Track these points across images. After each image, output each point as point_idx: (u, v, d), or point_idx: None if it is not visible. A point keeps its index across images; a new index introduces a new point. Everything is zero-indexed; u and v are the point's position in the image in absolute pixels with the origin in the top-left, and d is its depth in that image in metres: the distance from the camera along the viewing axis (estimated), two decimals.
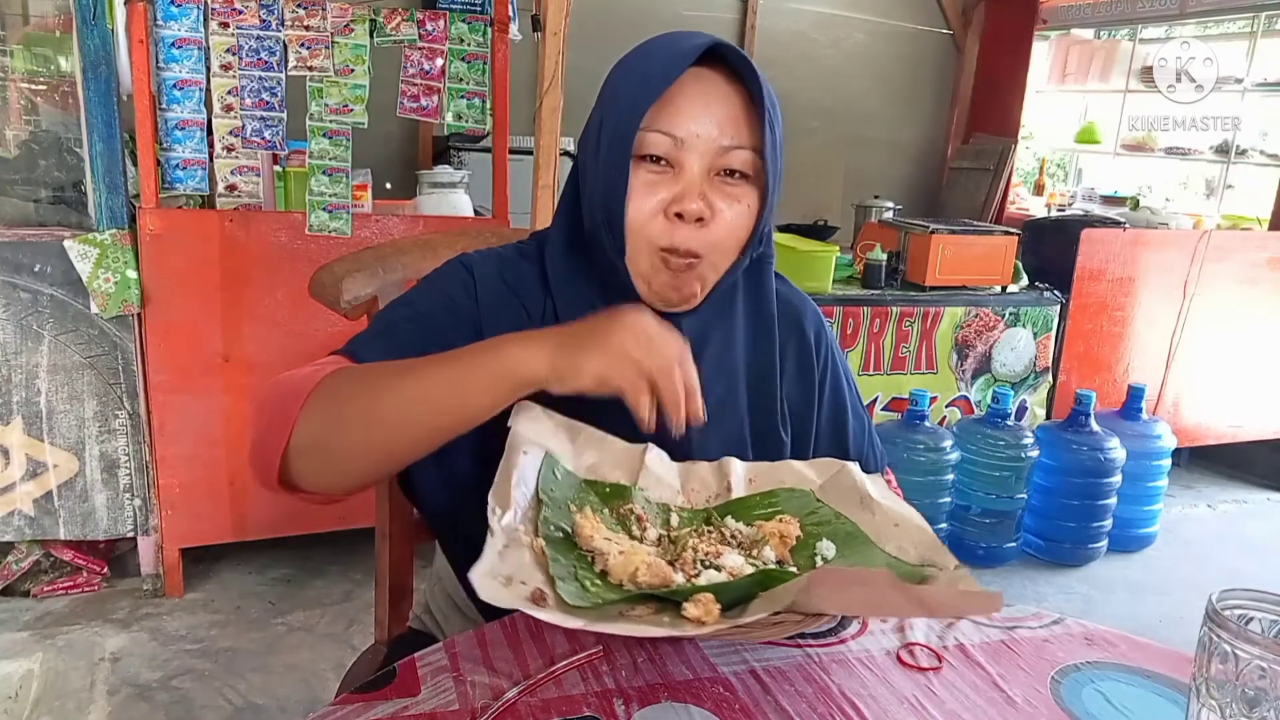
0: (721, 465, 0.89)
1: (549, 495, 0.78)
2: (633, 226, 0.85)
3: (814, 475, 0.90)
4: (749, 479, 0.89)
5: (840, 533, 0.84)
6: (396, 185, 3.74)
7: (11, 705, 1.98)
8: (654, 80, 0.82)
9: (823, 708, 0.74)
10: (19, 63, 2.27)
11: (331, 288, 1.10)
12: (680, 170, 0.84)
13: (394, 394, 0.72)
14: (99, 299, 2.23)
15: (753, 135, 0.84)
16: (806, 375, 1.02)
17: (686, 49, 0.83)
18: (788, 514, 0.85)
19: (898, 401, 2.99)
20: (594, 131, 0.87)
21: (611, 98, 0.86)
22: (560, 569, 0.70)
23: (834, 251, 2.92)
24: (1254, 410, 3.71)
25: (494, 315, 0.89)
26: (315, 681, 2.13)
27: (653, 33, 0.90)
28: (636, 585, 0.71)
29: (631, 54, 0.89)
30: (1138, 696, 0.79)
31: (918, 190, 5.38)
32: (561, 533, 0.76)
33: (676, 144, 0.83)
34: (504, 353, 0.71)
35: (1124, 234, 3.33)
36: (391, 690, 0.72)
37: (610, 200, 0.84)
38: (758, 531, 0.83)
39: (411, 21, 2.37)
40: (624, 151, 0.83)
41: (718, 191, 0.85)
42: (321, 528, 2.59)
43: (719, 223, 0.85)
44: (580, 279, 0.91)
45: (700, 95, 0.83)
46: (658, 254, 0.85)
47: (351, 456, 0.75)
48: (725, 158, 0.84)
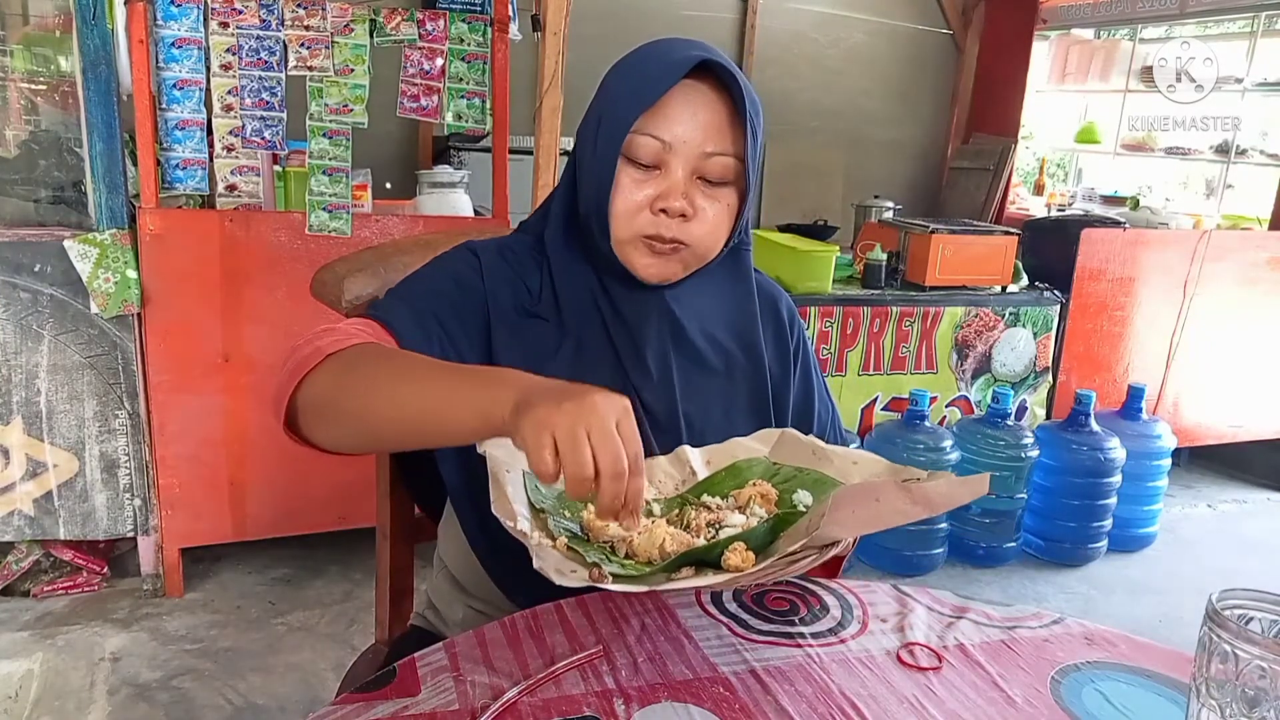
0: (678, 454, 0.94)
1: (542, 506, 0.81)
2: (620, 218, 0.93)
3: (760, 445, 0.95)
4: (706, 460, 0.94)
5: (809, 481, 0.89)
6: (396, 185, 3.75)
7: (11, 705, 1.98)
8: (647, 88, 0.89)
9: (823, 708, 0.74)
10: (19, 63, 2.27)
11: (333, 287, 1.10)
12: (666, 171, 0.92)
13: (390, 391, 0.77)
14: (99, 299, 2.23)
15: (735, 142, 0.92)
16: (782, 347, 1.08)
17: (678, 60, 0.89)
18: (756, 479, 0.89)
19: (898, 401, 2.99)
20: (591, 127, 0.94)
21: (608, 98, 0.93)
22: (595, 556, 0.73)
23: (834, 251, 2.92)
24: (1254, 410, 3.71)
25: (498, 291, 0.96)
26: (315, 681, 2.13)
27: (653, 33, 0.97)
28: (664, 555, 0.75)
29: (629, 56, 0.95)
30: (1138, 696, 0.79)
31: (918, 190, 5.38)
32: (570, 534, 0.78)
33: (664, 147, 0.91)
34: (487, 392, 0.71)
35: (1124, 234, 3.33)
36: (391, 690, 0.72)
37: (600, 193, 0.92)
38: (736, 501, 0.87)
39: (411, 21, 2.37)
40: (615, 150, 0.91)
41: (699, 192, 0.93)
42: (321, 528, 2.59)
43: (700, 219, 0.93)
44: (576, 255, 0.99)
45: (688, 104, 0.90)
46: (642, 240, 0.93)
47: (343, 426, 0.81)
48: (708, 162, 0.91)
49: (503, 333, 0.95)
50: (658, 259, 0.94)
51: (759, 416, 1.04)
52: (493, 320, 0.95)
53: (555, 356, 0.95)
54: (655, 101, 0.88)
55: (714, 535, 0.78)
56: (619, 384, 0.94)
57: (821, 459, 0.91)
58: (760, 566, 0.70)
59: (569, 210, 0.99)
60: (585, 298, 0.97)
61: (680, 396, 0.99)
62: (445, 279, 0.96)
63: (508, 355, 0.94)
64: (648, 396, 0.97)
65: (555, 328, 0.97)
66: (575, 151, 0.98)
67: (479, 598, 1.05)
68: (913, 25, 5.15)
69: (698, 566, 0.75)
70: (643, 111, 0.89)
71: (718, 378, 1.02)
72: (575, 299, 0.97)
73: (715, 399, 1.01)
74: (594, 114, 0.95)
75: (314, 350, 0.81)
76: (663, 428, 0.97)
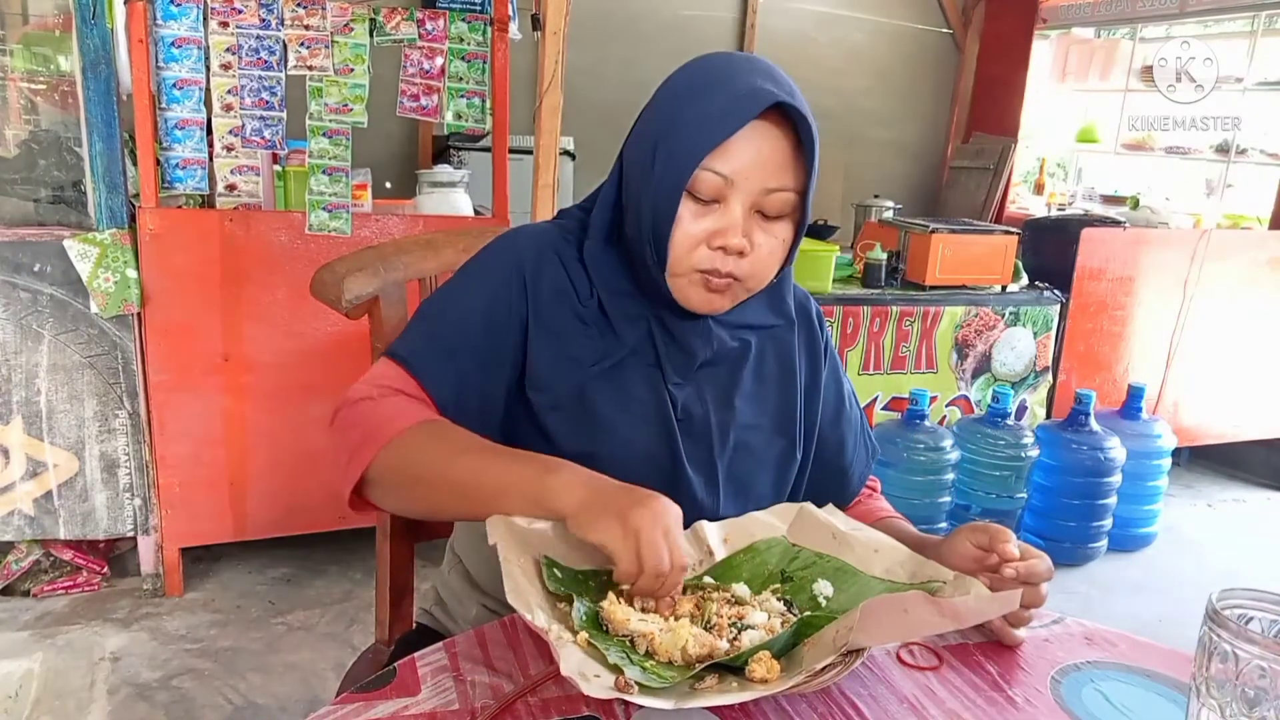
0: (695, 531, 0.91)
1: (560, 593, 0.79)
2: (677, 252, 0.90)
3: (778, 521, 0.93)
4: (724, 539, 0.92)
5: (829, 569, 0.88)
6: (396, 185, 3.75)
7: (11, 705, 1.98)
8: (714, 125, 0.86)
9: (823, 708, 0.74)
10: (19, 62, 2.27)
11: (333, 287, 1.10)
12: (725, 206, 0.89)
13: (449, 474, 0.83)
14: (99, 298, 2.23)
15: (796, 177, 0.90)
16: (814, 349, 1.08)
17: (746, 93, 0.86)
18: (765, 591, 0.87)
19: (898, 401, 2.99)
20: (646, 152, 0.90)
21: (669, 126, 0.89)
22: (615, 657, 0.71)
23: (834, 251, 2.92)
24: (1253, 410, 3.71)
25: (541, 301, 0.95)
26: (315, 681, 2.13)
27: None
28: (686, 658, 0.74)
29: (689, 80, 0.91)
30: (1138, 696, 0.79)
31: (918, 190, 5.38)
32: (590, 618, 0.77)
33: (726, 183, 0.88)
34: (547, 480, 0.79)
35: (1124, 233, 3.33)
36: (392, 690, 0.72)
37: (659, 224, 0.89)
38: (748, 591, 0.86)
39: (411, 21, 2.36)
40: (678, 185, 0.88)
41: (758, 227, 0.90)
42: (321, 527, 2.59)
43: (757, 255, 0.91)
44: (619, 274, 0.96)
45: (753, 140, 0.87)
46: (697, 274, 0.91)
47: (411, 501, 0.89)
48: (768, 198, 0.89)
49: (541, 339, 0.94)
50: (713, 295, 0.92)
51: (786, 434, 1.04)
52: (531, 329, 0.94)
53: (593, 366, 0.94)
54: (725, 141, 0.86)
55: (735, 635, 0.77)
56: (657, 393, 0.95)
57: (841, 544, 0.89)
58: (790, 685, 0.69)
59: (610, 225, 0.97)
60: (635, 318, 0.96)
61: (714, 407, 0.98)
62: (479, 299, 0.94)
63: (545, 360, 0.93)
64: (684, 404, 0.97)
65: (598, 338, 0.95)
66: (623, 170, 0.95)
67: (495, 596, 1.04)
68: (913, 25, 5.15)
69: (720, 673, 0.74)
70: (711, 150, 0.86)
71: (750, 386, 1.02)
72: (623, 316, 0.95)
73: (745, 406, 1.01)
74: (648, 137, 0.91)
75: (374, 430, 0.86)
76: (696, 435, 0.97)
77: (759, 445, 1.01)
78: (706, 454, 0.97)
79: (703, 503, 0.96)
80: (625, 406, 0.94)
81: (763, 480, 1.02)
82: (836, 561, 0.88)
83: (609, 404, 0.94)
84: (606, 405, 0.94)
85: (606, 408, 0.94)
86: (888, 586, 0.83)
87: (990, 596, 0.77)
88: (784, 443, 1.03)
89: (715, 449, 0.98)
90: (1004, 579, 0.85)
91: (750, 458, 1.00)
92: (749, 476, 1.00)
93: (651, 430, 0.95)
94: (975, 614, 0.77)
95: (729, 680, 0.73)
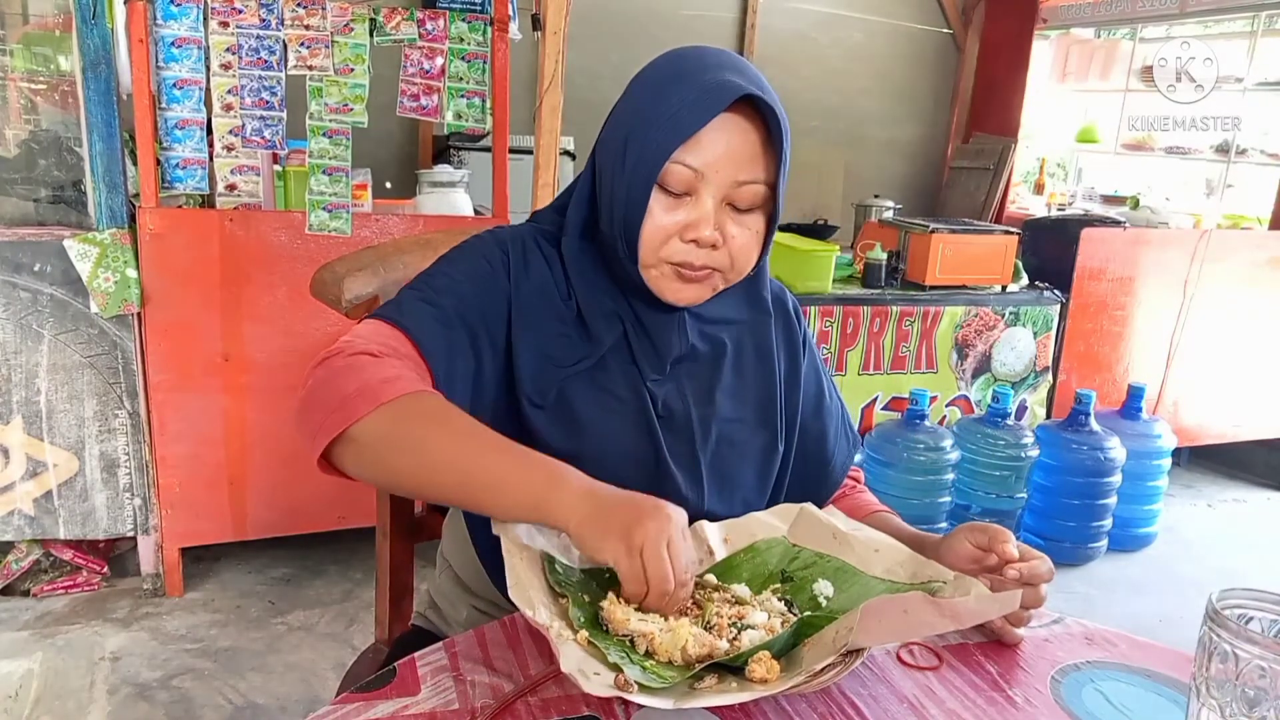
0: (696, 531, 0.91)
1: (561, 590, 0.79)
2: (648, 245, 0.90)
3: (778, 522, 0.93)
4: (724, 538, 0.92)
5: (830, 569, 0.88)
6: (396, 185, 3.75)
7: (11, 705, 1.98)
8: (684, 118, 0.86)
9: (823, 707, 0.74)
10: (19, 62, 2.27)
11: (333, 286, 1.10)
12: (696, 199, 0.89)
13: (447, 454, 0.79)
14: (99, 298, 2.23)
15: (767, 170, 0.90)
16: (792, 340, 1.08)
17: (715, 86, 0.86)
18: (765, 590, 0.87)
19: (898, 401, 2.99)
20: (618, 145, 0.90)
21: (639, 120, 0.89)
22: (616, 656, 0.71)
23: (834, 251, 2.92)
24: (1253, 410, 3.71)
25: (523, 288, 0.94)
26: (315, 681, 2.13)
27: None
28: (686, 658, 0.74)
29: (658, 74, 0.91)
30: (1138, 696, 0.79)
31: (918, 190, 5.38)
32: (590, 617, 0.77)
33: (696, 176, 0.88)
34: (549, 491, 0.77)
35: (1124, 233, 3.33)
36: (392, 689, 0.73)
37: (630, 218, 0.90)
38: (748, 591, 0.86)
39: (411, 21, 2.36)
40: (648, 178, 0.88)
41: (730, 219, 0.91)
42: (321, 527, 2.59)
43: (730, 246, 0.91)
44: (595, 269, 0.96)
45: (723, 132, 0.87)
46: (669, 266, 0.91)
47: (391, 473, 0.81)
48: (739, 191, 0.89)
49: (522, 333, 0.93)
50: (688, 285, 0.92)
51: (767, 427, 1.03)
52: (514, 319, 0.93)
53: (572, 367, 0.94)
54: (694, 134, 0.86)
55: (735, 635, 0.77)
56: (636, 391, 0.95)
57: (842, 544, 0.89)
58: (790, 685, 0.69)
59: (586, 221, 0.97)
60: (610, 315, 0.96)
61: (694, 402, 0.98)
62: (468, 276, 0.93)
63: (527, 356, 0.93)
64: (665, 400, 0.97)
65: (576, 339, 0.95)
66: (594, 164, 0.95)
67: (484, 598, 1.05)
68: (913, 25, 5.15)
69: (720, 673, 0.74)
70: (681, 143, 0.86)
71: (730, 380, 1.02)
72: (599, 315, 0.95)
73: (725, 400, 1.01)
74: (619, 131, 0.91)
75: (367, 388, 0.79)
76: (678, 431, 0.97)
77: (741, 439, 1.01)
78: (689, 449, 0.97)
79: (687, 498, 0.95)
80: (606, 406, 0.94)
81: (746, 473, 1.02)
82: (837, 562, 0.88)
83: (590, 404, 0.93)
84: (587, 406, 0.93)
85: (587, 408, 0.93)
86: (888, 587, 0.83)
87: (991, 597, 0.77)
88: (766, 435, 1.03)
89: (698, 444, 0.97)
90: (1004, 579, 0.85)
91: (733, 451, 1.00)
92: (732, 470, 1.00)
93: (633, 428, 0.95)
94: (975, 615, 0.77)
95: (729, 680, 0.73)
